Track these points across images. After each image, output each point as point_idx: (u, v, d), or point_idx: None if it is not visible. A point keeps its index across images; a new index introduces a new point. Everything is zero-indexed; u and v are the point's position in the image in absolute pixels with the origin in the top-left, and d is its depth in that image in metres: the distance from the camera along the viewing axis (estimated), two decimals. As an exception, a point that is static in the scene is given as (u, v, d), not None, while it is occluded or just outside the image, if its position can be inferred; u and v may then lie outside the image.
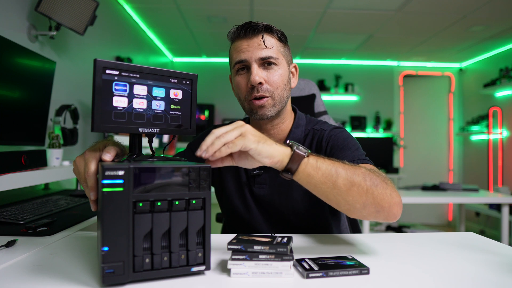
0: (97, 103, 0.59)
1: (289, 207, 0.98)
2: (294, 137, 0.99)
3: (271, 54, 0.90)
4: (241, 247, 0.61)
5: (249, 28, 0.90)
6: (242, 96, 0.93)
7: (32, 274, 0.60)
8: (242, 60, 0.90)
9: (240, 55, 0.90)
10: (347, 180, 0.69)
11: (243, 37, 0.91)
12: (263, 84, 0.89)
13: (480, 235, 0.93)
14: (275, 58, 0.91)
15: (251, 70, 0.89)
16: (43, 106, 1.64)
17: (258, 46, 0.89)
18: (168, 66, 4.86)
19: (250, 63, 0.90)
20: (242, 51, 0.90)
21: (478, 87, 4.52)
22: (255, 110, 0.91)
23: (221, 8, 3.20)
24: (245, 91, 0.92)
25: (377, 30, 3.68)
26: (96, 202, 0.66)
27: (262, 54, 0.89)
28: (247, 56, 0.89)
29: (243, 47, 0.90)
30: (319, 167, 0.69)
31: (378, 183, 0.71)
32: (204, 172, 0.60)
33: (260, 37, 0.90)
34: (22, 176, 1.29)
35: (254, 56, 0.89)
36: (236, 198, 1.02)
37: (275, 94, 0.91)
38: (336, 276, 0.61)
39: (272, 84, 0.90)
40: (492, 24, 3.42)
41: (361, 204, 0.71)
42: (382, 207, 0.71)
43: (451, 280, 0.61)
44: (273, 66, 0.91)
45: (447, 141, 5.13)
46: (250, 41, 0.90)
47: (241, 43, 0.91)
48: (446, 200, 2.56)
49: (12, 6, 1.69)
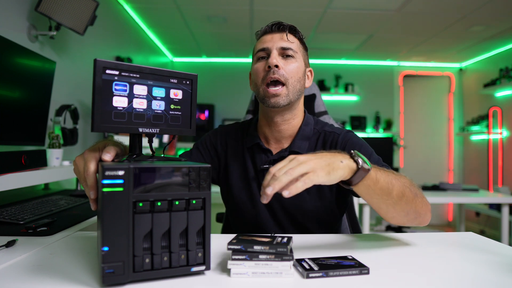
0: (97, 103, 0.59)
1: (297, 203, 0.99)
2: (304, 134, 1.01)
3: (291, 46, 0.95)
4: (241, 247, 0.61)
5: (275, 25, 0.97)
6: (258, 81, 0.96)
7: (32, 274, 0.60)
8: (264, 48, 0.95)
9: (262, 44, 0.96)
10: (400, 192, 0.75)
11: (269, 32, 0.98)
12: (279, 68, 0.92)
13: (480, 235, 0.93)
14: (294, 51, 0.96)
15: (271, 55, 0.93)
16: (43, 106, 1.64)
17: (280, 39, 0.95)
18: (168, 66, 4.86)
19: (270, 50, 0.94)
20: (265, 42, 0.96)
21: (478, 87, 4.52)
22: (268, 97, 0.93)
23: (221, 8, 3.20)
24: (262, 73, 0.95)
25: (377, 30, 3.68)
26: (96, 201, 0.66)
27: (283, 44, 0.94)
28: (269, 45, 0.95)
29: (267, 39, 0.97)
30: (378, 180, 0.73)
31: (418, 193, 0.80)
32: (204, 172, 0.60)
33: (284, 33, 0.96)
34: (22, 176, 1.29)
35: (276, 44, 0.94)
36: (243, 194, 1.03)
37: (289, 83, 0.93)
38: (336, 276, 0.61)
39: (288, 71, 0.94)
40: (492, 24, 3.42)
41: (406, 212, 0.78)
42: (420, 214, 0.80)
43: (451, 280, 0.61)
44: (291, 58, 0.95)
45: (447, 141, 5.13)
46: (274, 34, 0.96)
47: (266, 36, 0.97)
48: (446, 200, 2.56)
49: (12, 6, 1.69)
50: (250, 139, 1.04)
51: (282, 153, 1.00)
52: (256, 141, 1.03)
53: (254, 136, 1.04)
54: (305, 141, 1.01)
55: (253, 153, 1.03)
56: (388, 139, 3.67)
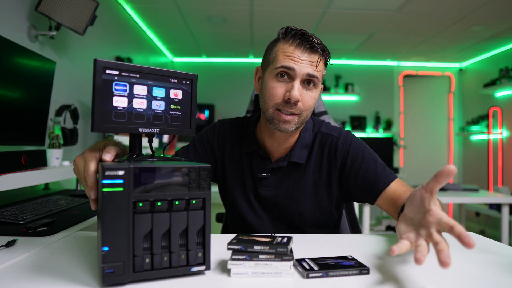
0: (97, 103, 0.59)
1: (294, 209, 0.98)
2: (303, 142, 0.98)
3: (317, 76, 0.88)
4: (241, 247, 0.61)
5: (307, 42, 0.87)
6: (270, 103, 0.89)
7: (32, 274, 0.60)
8: (290, 67, 0.86)
9: (289, 62, 0.86)
10: None
11: (299, 47, 0.87)
12: (298, 103, 0.87)
13: (480, 235, 0.93)
14: (318, 80, 0.89)
15: (293, 84, 0.86)
16: (43, 106, 1.64)
17: (310, 63, 0.87)
18: (168, 66, 4.86)
19: (295, 75, 0.86)
20: (292, 59, 0.86)
21: (478, 87, 4.52)
22: (278, 122, 0.89)
23: (221, 8, 3.20)
24: (278, 100, 0.88)
25: (377, 30, 3.68)
26: (96, 201, 0.66)
27: (310, 72, 0.86)
28: (296, 67, 0.86)
29: (295, 55, 0.86)
30: None
31: None
32: (204, 172, 0.60)
33: (316, 56, 0.87)
34: (22, 176, 1.28)
35: (303, 71, 0.86)
36: (241, 198, 1.02)
37: (303, 115, 0.90)
38: (336, 276, 0.61)
39: (305, 104, 0.88)
40: (492, 24, 3.42)
41: None
42: None
43: (451, 280, 0.61)
44: (312, 87, 0.89)
45: (447, 141, 5.13)
46: (304, 54, 0.87)
47: (295, 50, 0.87)
48: (446, 200, 2.56)
49: (12, 6, 1.69)
50: (248, 145, 1.01)
51: (280, 162, 0.98)
52: (254, 148, 1.00)
53: (253, 142, 1.01)
54: (304, 149, 0.98)
55: (251, 158, 1.01)
56: (388, 139, 3.67)
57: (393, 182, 0.91)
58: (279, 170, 0.99)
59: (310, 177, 0.98)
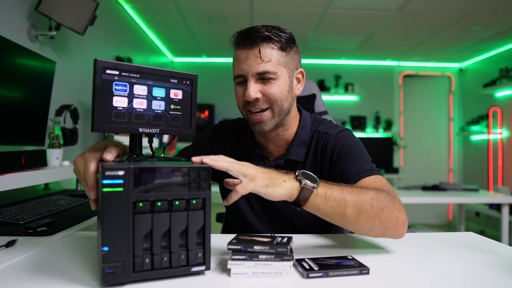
0: (97, 103, 0.59)
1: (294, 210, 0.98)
2: (301, 139, 0.98)
3: (268, 69, 0.86)
4: (241, 247, 0.61)
5: (247, 39, 0.87)
6: (240, 106, 0.94)
7: (32, 274, 0.60)
8: (240, 74, 0.89)
9: (238, 69, 0.89)
10: (355, 209, 0.71)
11: (242, 47, 0.89)
12: (259, 99, 0.89)
13: (480, 235, 0.93)
14: (273, 72, 0.87)
15: (248, 85, 0.88)
16: (43, 106, 1.64)
17: (255, 59, 0.86)
18: (168, 66, 4.85)
19: (247, 77, 0.88)
20: (240, 63, 0.89)
21: (478, 87, 4.52)
22: (253, 124, 0.92)
23: (221, 8, 3.20)
24: (241, 102, 0.93)
25: (377, 30, 3.67)
26: (96, 201, 0.66)
27: (259, 68, 0.86)
28: (244, 71, 0.88)
29: (241, 58, 0.88)
30: (328, 198, 0.71)
31: (385, 207, 0.73)
32: (204, 172, 0.60)
33: (257, 49, 0.86)
34: (22, 176, 1.28)
35: (251, 70, 0.87)
36: (242, 200, 1.02)
37: (274, 106, 0.90)
38: (336, 276, 0.61)
39: (269, 97, 0.88)
40: (492, 24, 3.42)
41: (368, 228, 0.74)
42: (388, 229, 0.74)
43: (451, 280, 0.61)
44: (271, 80, 0.88)
45: (447, 141, 5.13)
46: (248, 52, 0.87)
47: (241, 53, 0.89)
48: (446, 200, 2.56)
49: (12, 6, 1.69)
50: (246, 145, 1.03)
51: (278, 161, 0.99)
52: (252, 147, 1.02)
53: (251, 142, 1.02)
54: (301, 147, 0.98)
55: (250, 158, 1.02)
56: (388, 139, 3.67)
57: (367, 178, 0.85)
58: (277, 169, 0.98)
59: None
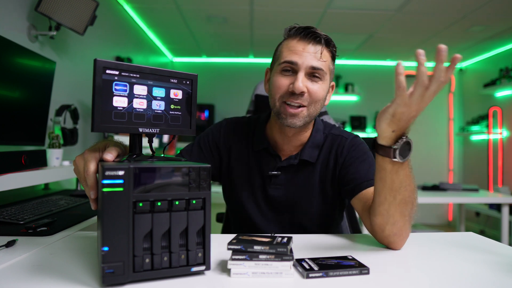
0: (97, 103, 0.59)
1: (303, 209, 0.98)
2: (315, 141, 0.98)
3: (322, 67, 0.88)
4: (241, 247, 0.61)
5: (311, 34, 0.88)
6: (276, 96, 0.90)
7: (32, 274, 0.60)
8: (293, 62, 0.87)
9: (292, 56, 0.88)
10: (411, 197, 0.74)
11: (302, 40, 0.88)
12: (304, 94, 0.87)
13: (480, 235, 0.93)
14: (324, 72, 0.89)
15: (297, 76, 0.86)
16: (43, 106, 1.64)
17: (313, 54, 0.87)
18: (168, 66, 4.85)
19: (299, 68, 0.87)
20: (295, 53, 0.88)
21: (478, 87, 4.52)
22: (285, 115, 0.89)
23: (221, 8, 3.20)
24: (283, 92, 0.89)
25: (377, 30, 3.67)
26: (96, 201, 0.66)
27: (314, 63, 0.87)
28: (299, 60, 0.87)
29: (298, 49, 0.88)
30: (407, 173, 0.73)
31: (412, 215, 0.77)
32: (204, 172, 0.60)
33: (319, 47, 0.88)
34: (22, 176, 1.28)
35: (307, 63, 0.87)
36: (248, 198, 1.01)
37: (312, 107, 0.90)
38: (336, 276, 0.61)
39: (312, 95, 0.88)
40: (492, 24, 3.42)
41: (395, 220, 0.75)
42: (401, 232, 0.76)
43: (451, 280, 0.61)
44: (318, 80, 0.89)
45: (447, 141, 5.13)
46: (308, 45, 0.88)
47: (298, 44, 0.88)
48: (446, 200, 2.56)
49: (12, 6, 1.69)
50: (258, 143, 1.00)
51: (291, 160, 0.97)
52: (265, 145, 0.99)
53: (263, 140, 1.00)
54: (315, 148, 0.98)
55: (260, 157, 1.00)
56: (388, 139, 3.65)
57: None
58: (289, 169, 0.98)
59: (317, 174, 0.98)
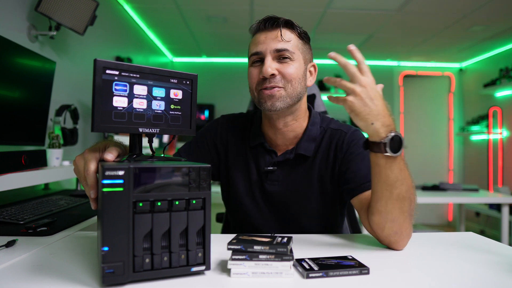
0: (97, 103, 0.59)
1: (301, 205, 0.97)
2: (311, 135, 0.97)
3: (287, 47, 0.88)
4: (241, 247, 0.61)
5: (268, 21, 0.90)
6: (252, 86, 0.92)
7: (32, 274, 0.60)
8: (258, 52, 0.89)
9: (256, 47, 0.90)
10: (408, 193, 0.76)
11: (262, 30, 0.91)
12: (275, 76, 0.88)
13: (480, 235, 0.93)
14: (291, 52, 0.89)
15: (265, 61, 0.88)
16: (43, 106, 1.64)
17: (275, 39, 0.88)
18: (168, 66, 4.85)
19: (265, 55, 0.88)
20: (259, 43, 0.90)
21: (478, 87, 4.52)
22: (264, 100, 0.89)
23: (221, 8, 3.20)
24: (256, 81, 0.90)
25: (377, 30, 3.67)
26: (96, 200, 0.66)
27: (278, 46, 0.88)
28: (262, 48, 0.89)
29: (260, 39, 0.90)
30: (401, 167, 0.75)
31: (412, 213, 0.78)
32: (204, 172, 0.60)
33: (278, 30, 0.89)
34: (22, 176, 1.28)
35: (270, 47, 0.88)
36: (245, 196, 1.00)
37: (288, 86, 0.89)
38: (336, 276, 0.61)
39: (286, 76, 0.88)
40: (492, 24, 3.42)
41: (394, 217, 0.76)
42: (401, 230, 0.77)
43: (451, 280, 0.61)
44: (288, 60, 0.89)
45: (447, 141, 5.13)
46: (268, 33, 0.90)
47: (260, 35, 0.91)
48: (446, 200, 2.56)
49: (12, 6, 1.69)
50: (254, 138, 1.00)
51: (287, 155, 0.96)
52: (260, 141, 0.99)
53: (258, 135, 1.00)
54: (311, 142, 0.97)
55: (257, 153, 1.00)
56: (388, 139, 3.65)
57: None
58: (285, 164, 0.97)
59: (316, 169, 0.96)
